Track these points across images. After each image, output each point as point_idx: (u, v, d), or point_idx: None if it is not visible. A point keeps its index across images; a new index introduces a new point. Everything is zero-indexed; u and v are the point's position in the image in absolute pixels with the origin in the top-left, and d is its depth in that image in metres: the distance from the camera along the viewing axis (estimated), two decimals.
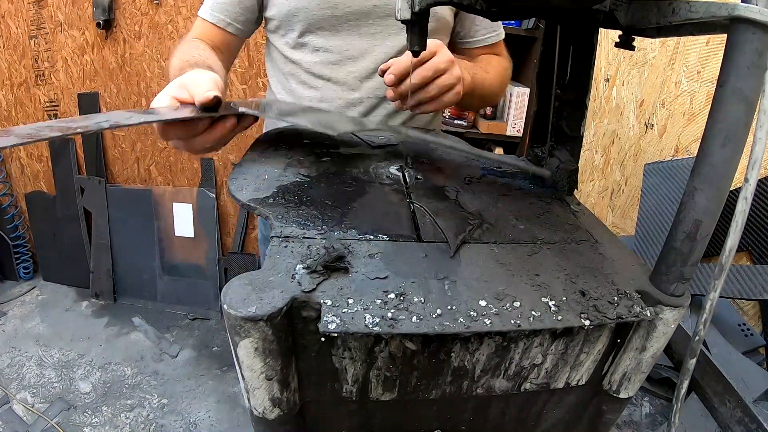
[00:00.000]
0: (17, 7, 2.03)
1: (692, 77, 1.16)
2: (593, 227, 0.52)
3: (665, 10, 0.40)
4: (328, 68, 0.90)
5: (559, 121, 0.59)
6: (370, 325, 0.33)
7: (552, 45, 0.57)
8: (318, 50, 0.89)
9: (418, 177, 0.60)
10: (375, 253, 0.41)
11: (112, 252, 2.30)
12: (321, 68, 0.90)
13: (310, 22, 0.86)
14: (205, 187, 2.22)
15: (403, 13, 0.50)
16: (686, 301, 0.40)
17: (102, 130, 0.50)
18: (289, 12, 0.86)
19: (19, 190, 2.41)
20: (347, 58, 0.89)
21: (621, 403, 0.47)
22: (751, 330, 0.93)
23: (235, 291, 0.35)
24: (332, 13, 0.85)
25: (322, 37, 0.87)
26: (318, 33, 0.87)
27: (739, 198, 0.35)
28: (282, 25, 0.89)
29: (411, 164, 0.64)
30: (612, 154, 1.50)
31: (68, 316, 2.24)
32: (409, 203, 0.52)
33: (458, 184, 0.59)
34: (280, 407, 0.39)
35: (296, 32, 0.88)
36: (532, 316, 0.36)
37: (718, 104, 0.34)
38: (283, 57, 0.93)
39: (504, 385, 0.43)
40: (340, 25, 0.86)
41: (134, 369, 1.95)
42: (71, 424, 1.68)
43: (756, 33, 0.32)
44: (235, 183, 0.52)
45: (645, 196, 1.15)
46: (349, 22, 0.86)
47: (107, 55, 2.08)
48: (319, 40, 0.88)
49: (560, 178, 0.59)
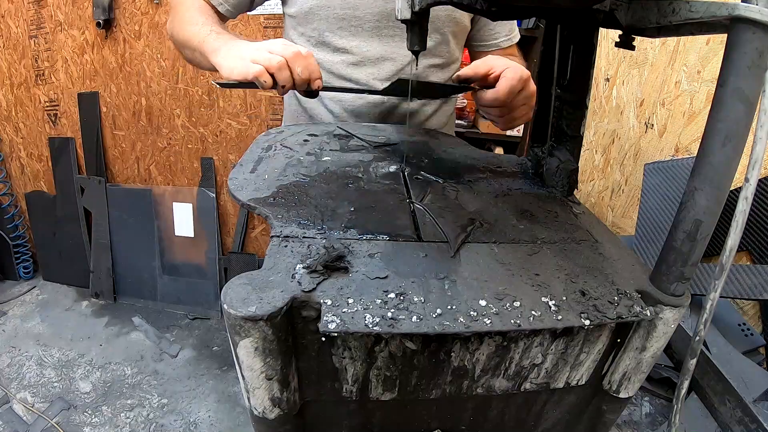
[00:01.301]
0: (17, 7, 2.03)
1: (692, 77, 1.16)
2: (593, 227, 0.52)
3: (665, 10, 0.39)
4: (349, 69, 0.90)
5: (559, 121, 0.59)
6: (370, 324, 0.33)
7: (552, 45, 0.57)
8: (339, 50, 0.89)
9: (418, 177, 0.60)
10: (375, 253, 0.41)
11: (112, 252, 2.30)
12: (342, 68, 0.90)
13: (330, 21, 0.86)
14: (205, 187, 2.22)
15: (403, 12, 0.50)
16: (686, 301, 0.40)
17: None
18: (311, 9, 0.87)
19: (19, 189, 2.41)
20: (367, 59, 0.89)
21: (621, 403, 0.47)
22: (751, 330, 0.93)
23: (235, 291, 0.35)
24: (353, 13, 0.85)
25: (343, 38, 0.88)
26: (338, 33, 0.88)
27: (739, 198, 0.35)
28: (303, 22, 0.90)
29: (411, 164, 0.64)
30: (612, 154, 1.50)
31: (68, 315, 2.24)
32: (409, 203, 0.52)
33: (458, 183, 0.59)
34: (280, 407, 0.39)
35: (317, 30, 0.89)
36: (532, 316, 0.36)
37: (719, 104, 0.34)
38: None
39: (504, 384, 0.43)
40: (360, 26, 0.87)
41: (134, 369, 1.95)
42: (71, 423, 1.68)
43: (756, 33, 0.31)
44: (235, 183, 0.52)
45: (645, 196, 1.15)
46: (369, 23, 0.87)
47: (107, 55, 2.08)
48: (340, 40, 0.88)
49: (560, 177, 0.59)
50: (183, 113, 2.14)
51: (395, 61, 0.89)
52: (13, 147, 2.34)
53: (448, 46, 0.93)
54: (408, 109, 0.93)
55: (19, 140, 2.31)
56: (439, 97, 0.95)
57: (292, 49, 0.66)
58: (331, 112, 0.94)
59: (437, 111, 1.00)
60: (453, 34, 0.92)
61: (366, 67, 0.89)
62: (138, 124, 2.20)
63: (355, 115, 0.92)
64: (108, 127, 2.23)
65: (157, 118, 2.17)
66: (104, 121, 2.22)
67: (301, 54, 0.67)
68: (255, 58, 0.65)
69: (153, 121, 2.18)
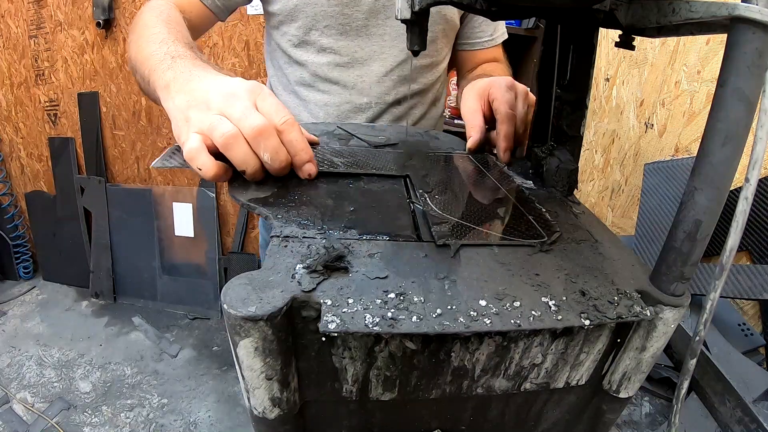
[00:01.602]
0: (17, 7, 2.03)
1: (692, 77, 1.16)
2: (593, 227, 0.52)
3: (665, 10, 0.39)
4: (336, 70, 0.86)
5: (559, 121, 0.59)
6: (370, 324, 0.33)
7: (552, 45, 0.57)
8: (324, 51, 0.85)
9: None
10: (375, 253, 0.41)
11: (112, 252, 2.30)
12: (328, 70, 0.86)
13: (317, 18, 0.82)
14: (205, 187, 2.22)
15: (403, 12, 0.50)
16: (686, 300, 0.40)
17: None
18: (296, 7, 0.82)
19: (19, 189, 2.41)
20: (356, 60, 0.85)
21: (621, 403, 0.47)
22: (751, 330, 0.93)
23: (235, 290, 0.35)
24: (342, 10, 0.81)
25: (330, 37, 0.83)
26: (325, 31, 0.83)
27: (740, 198, 0.35)
28: (286, 20, 0.84)
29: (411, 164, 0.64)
30: (612, 154, 1.50)
31: (68, 315, 2.24)
32: (409, 203, 0.52)
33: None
34: (280, 407, 0.39)
35: (301, 29, 0.83)
36: (532, 316, 0.36)
37: (718, 104, 0.34)
38: (287, 56, 0.89)
39: (504, 384, 0.43)
40: (349, 24, 0.83)
41: (134, 369, 1.95)
42: (71, 423, 1.68)
43: (756, 33, 0.31)
44: (235, 182, 0.52)
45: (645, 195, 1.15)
46: (358, 21, 0.83)
47: (107, 55, 2.08)
48: (326, 39, 0.84)
49: (560, 177, 0.59)
50: None
51: (384, 62, 0.86)
52: (13, 147, 2.34)
53: (435, 45, 0.90)
54: (395, 117, 0.91)
55: (19, 140, 2.31)
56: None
57: (256, 120, 0.43)
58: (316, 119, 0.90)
59: (425, 114, 0.98)
60: (443, 32, 0.89)
61: (354, 69, 0.86)
62: (138, 124, 2.20)
63: (342, 120, 0.88)
64: (108, 127, 2.23)
65: (157, 118, 2.17)
66: (104, 121, 2.22)
67: (271, 128, 0.44)
68: (200, 122, 0.44)
69: (153, 121, 2.18)
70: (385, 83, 0.88)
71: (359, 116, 0.89)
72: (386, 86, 0.88)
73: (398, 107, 0.91)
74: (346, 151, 0.63)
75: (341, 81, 0.87)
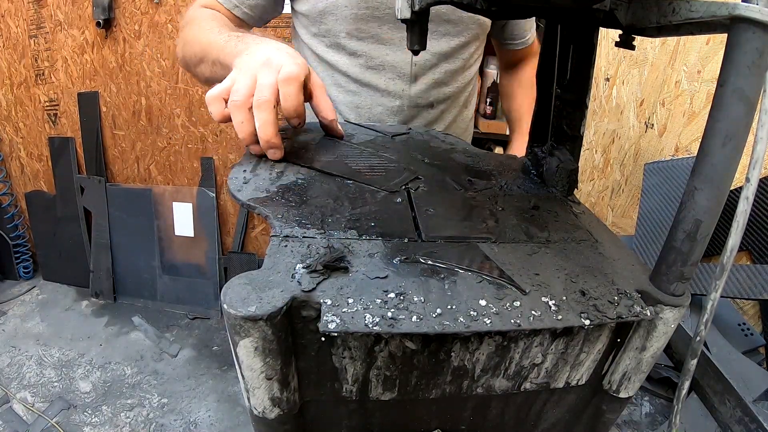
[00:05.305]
0: (17, 7, 2.03)
1: (692, 77, 1.16)
2: (593, 227, 0.52)
3: (665, 10, 0.39)
4: (368, 73, 0.84)
5: (559, 121, 0.59)
6: (370, 324, 0.33)
7: (552, 45, 0.57)
8: (355, 54, 0.83)
9: (419, 177, 0.60)
10: (375, 253, 0.41)
11: (112, 251, 2.30)
12: (359, 72, 0.84)
13: (348, 21, 0.80)
14: (205, 187, 2.22)
15: (403, 12, 0.50)
16: (686, 300, 0.40)
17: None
18: (325, 8, 0.80)
19: (19, 189, 2.41)
20: (387, 63, 0.84)
21: (621, 403, 0.47)
22: (751, 330, 0.93)
23: (235, 290, 0.35)
24: (372, 13, 0.79)
25: (361, 41, 0.82)
26: (356, 35, 0.81)
27: (740, 198, 0.35)
28: (315, 22, 0.83)
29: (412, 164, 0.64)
30: (612, 154, 1.50)
31: (68, 315, 2.24)
32: (409, 203, 0.52)
33: (458, 183, 0.59)
34: (280, 407, 0.39)
35: (332, 31, 0.82)
36: (532, 316, 0.36)
37: (719, 104, 0.34)
38: (315, 56, 0.87)
39: (504, 384, 0.43)
40: (380, 27, 0.81)
41: (134, 368, 1.95)
42: (71, 423, 1.68)
43: (756, 33, 0.31)
44: (235, 182, 0.52)
45: (645, 195, 1.15)
46: (389, 24, 0.81)
47: (107, 55, 2.08)
48: (357, 43, 0.82)
49: (560, 177, 0.59)
50: (183, 113, 2.13)
51: (415, 65, 0.85)
52: (13, 147, 2.34)
53: (468, 49, 0.89)
54: (428, 120, 0.91)
55: (19, 140, 2.31)
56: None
57: (261, 92, 0.51)
58: (348, 121, 0.90)
59: (458, 117, 0.97)
60: (476, 36, 0.87)
61: (385, 71, 0.85)
62: (138, 123, 2.20)
63: (373, 122, 0.87)
64: (108, 126, 2.23)
65: (157, 118, 2.17)
66: (104, 121, 2.22)
67: (267, 101, 0.50)
68: (238, 83, 0.52)
69: (153, 121, 2.18)
70: (417, 86, 0.87)
71: (390, 119, 0.88)
72: (419, 89, 0.87)
73: (430, 111, 0.90)
74: (350, 152, 0.63)
75: (372, 83, 0.85)
